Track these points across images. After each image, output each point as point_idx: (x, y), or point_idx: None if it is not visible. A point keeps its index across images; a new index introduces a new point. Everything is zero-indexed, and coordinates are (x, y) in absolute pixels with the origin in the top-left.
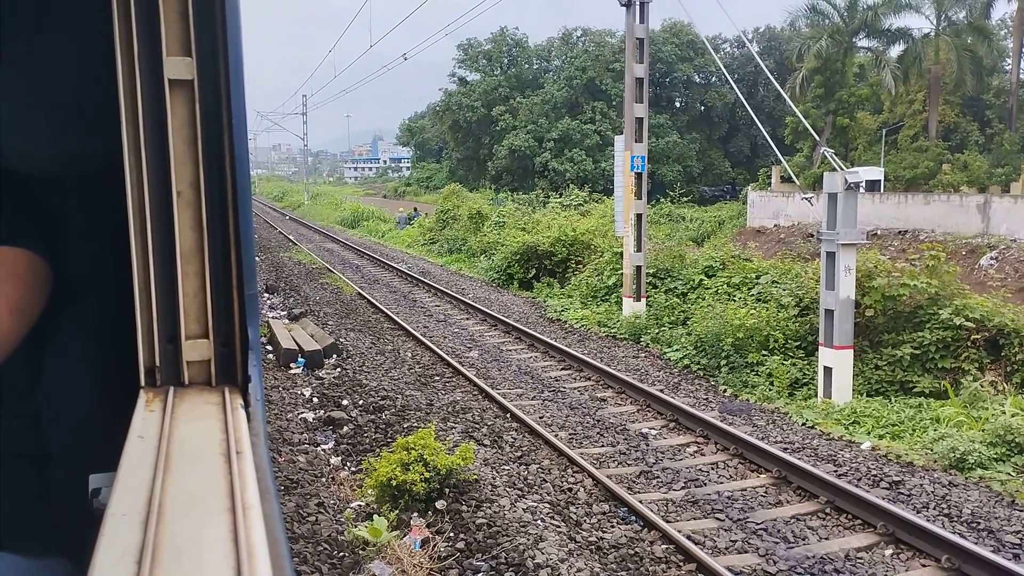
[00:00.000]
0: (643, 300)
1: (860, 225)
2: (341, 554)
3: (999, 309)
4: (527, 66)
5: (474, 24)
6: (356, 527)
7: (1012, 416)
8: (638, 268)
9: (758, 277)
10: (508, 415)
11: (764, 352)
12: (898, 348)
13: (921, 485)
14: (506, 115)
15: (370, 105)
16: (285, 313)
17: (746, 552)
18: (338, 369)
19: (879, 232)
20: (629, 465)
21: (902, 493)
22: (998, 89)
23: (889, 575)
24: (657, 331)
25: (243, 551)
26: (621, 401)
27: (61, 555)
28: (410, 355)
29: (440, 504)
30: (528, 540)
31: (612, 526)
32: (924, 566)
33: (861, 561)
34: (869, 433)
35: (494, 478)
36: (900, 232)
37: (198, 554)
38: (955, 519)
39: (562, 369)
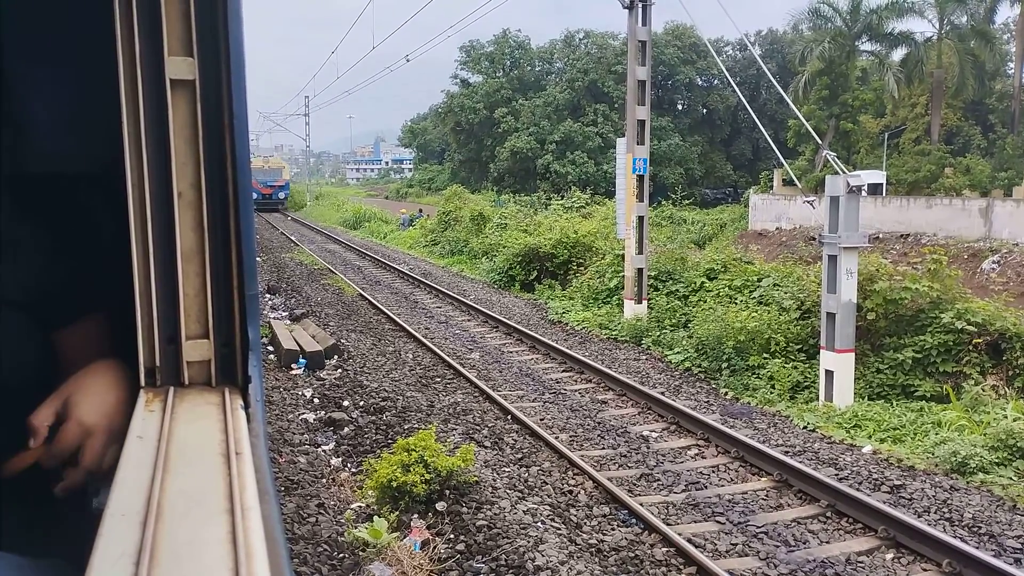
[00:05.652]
0: (644, 302)
1: (862, 228)
2: (341, 555)
3: (1001, 313)
4: (529, 68)
5: (476, 26)
6: (356, 528)
7: (1014, 420)
8: (639, 270)
9: (760, 280)
10: (509, 417)
11: (765, 355)
12: (900, 352)
13: (922, 489)
14: (508, 117)
15: (373, 106)
16: (287, 314)
17: (747, 555)
18: (339, 370)
19: (881, 236)
20: (630, 468)
21: (903, 497)
22: (1000, 93)
23: None
24: (658, 334)
25: (241, 552)
26: (622, 403)
27: (60, 555)
28: (411, 356)
29: (440, 506)
30: (528, 542)
31: (612, 529)
32: (925, 570)
33: (862, 565)
34: (870, 437)
35: (494, 480)
36: (902, 236)
37: (196, 555)
38: (956, 523)
39: (563, 371)
